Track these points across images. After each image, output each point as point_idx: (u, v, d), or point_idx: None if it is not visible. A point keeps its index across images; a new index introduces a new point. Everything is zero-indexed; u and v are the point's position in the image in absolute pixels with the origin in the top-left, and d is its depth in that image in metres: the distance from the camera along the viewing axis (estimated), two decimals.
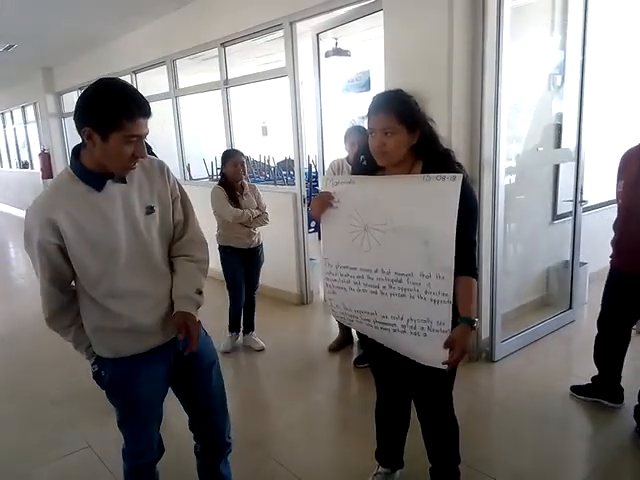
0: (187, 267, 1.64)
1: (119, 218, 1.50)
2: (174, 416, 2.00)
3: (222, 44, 4.90)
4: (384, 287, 1.71)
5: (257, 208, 3.52)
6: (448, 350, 1.64)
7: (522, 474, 2.25)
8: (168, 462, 1.86)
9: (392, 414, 2.09)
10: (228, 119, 5.13)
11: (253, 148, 7.89)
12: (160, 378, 1.69)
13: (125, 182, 1.52)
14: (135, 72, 6.53)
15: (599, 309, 2.71)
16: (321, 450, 2.57)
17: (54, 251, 1.45)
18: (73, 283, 1.58)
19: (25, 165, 11.35)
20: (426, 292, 1.64)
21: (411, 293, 1.67)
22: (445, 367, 1.67)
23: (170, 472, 1.99)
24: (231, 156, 3.49)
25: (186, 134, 6.05)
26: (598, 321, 2.71)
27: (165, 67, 5.86)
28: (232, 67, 5.07)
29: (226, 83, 5.03)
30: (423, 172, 1.70)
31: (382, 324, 1.75)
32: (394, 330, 1.73)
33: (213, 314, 3.22)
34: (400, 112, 1.63)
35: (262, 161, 8.57)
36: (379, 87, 3.38)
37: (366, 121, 1.73)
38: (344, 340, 3.61)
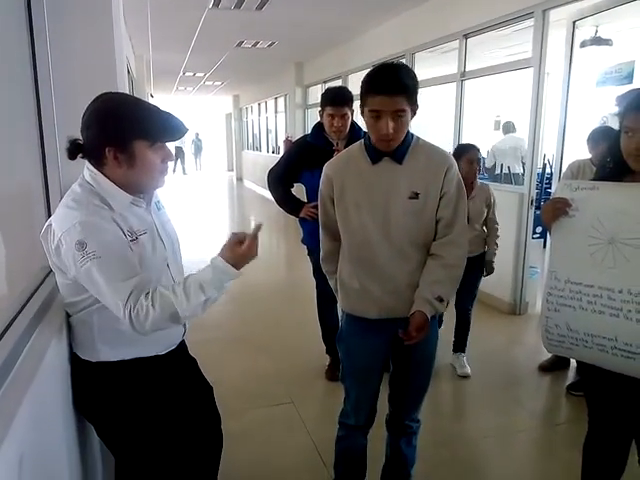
0: (435, 272, 1.67)
1: (379, 191, 1.65)
2: None
3: (464, 35, 4.79)
4: (629, 310, 1.46)
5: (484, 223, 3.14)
6: None
7: None
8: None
9: (605, 454, 1.79)
10: (459, 112, 5.00)
11: (483, 143, 7.58)
12: (379, 348, 1.80)
13: (400, 163, 1.64)
14: (374, 66, 6.79)
15: None
16: (516, 467, 2.40)
17: (328, 202, 1.75)
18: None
19: (274, 151, 12.91)
20: None
21: None
22: None
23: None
24: (466, 151, 3.09)
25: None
26: None
27: (404, 61, 6.00)
28: (470, 59, 4.92)
29: (463, 75, 4.91)
30: None
31: (624, 352, 1.50)
32: None
33: None
34: None
35: None
36: None
37: (618, 119, 1.51)
38: (559, 361, 3.24)
